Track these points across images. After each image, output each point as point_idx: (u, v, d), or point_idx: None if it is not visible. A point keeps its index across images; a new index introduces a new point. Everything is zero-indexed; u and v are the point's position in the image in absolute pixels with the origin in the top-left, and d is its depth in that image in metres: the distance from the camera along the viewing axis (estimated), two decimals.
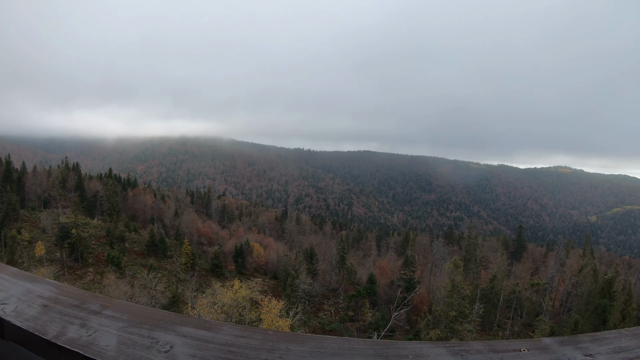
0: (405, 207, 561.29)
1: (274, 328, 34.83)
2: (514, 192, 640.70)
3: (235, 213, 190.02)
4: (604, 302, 53.69)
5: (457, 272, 44.56)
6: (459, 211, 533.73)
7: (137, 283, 55.93)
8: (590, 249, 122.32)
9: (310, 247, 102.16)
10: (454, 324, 42.23)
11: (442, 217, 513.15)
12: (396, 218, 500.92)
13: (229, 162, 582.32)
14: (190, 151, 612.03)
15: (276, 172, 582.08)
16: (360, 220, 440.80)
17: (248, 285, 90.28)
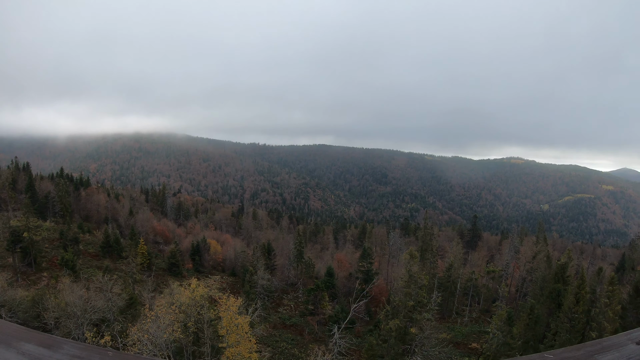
0: (362, 200, 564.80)
1: (233, 325, 34.56)
2: (469, 183, 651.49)
3: (191, 210, 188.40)
4: (558, 287, 54.83)
5: (414, 263, 44.89)
6: (415, 202, 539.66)
7: (92, 286, 54.86)
8: (544, 236, 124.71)
9: (268, 242, 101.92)
10: (413, 314, 42.58)
11: (398, 209, 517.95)
12: (353, 211, 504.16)
13: (183, 158, 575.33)
14: (144, 148, 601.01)
15: (232, 167, 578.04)
16: (317, 213, 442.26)
17: (206, 283, 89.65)
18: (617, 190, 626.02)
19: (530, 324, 52.21)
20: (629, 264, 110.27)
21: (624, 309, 56.14)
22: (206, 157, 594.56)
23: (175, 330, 35.71)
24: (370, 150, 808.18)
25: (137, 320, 38.87)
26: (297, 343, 61.45)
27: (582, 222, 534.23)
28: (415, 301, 42.92)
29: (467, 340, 68.72)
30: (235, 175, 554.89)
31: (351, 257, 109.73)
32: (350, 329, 64.85)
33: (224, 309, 34.80)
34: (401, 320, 42.51)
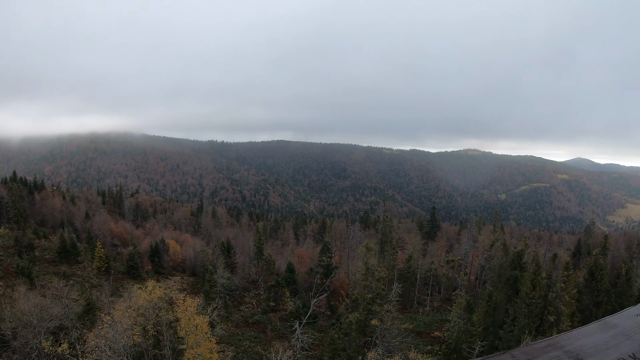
0: (322, 195, 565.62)
1: (192, 326, 34.14)
2: (427, 175, 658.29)
3: (149, 211, 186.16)
4: (515, 274, 55.62)
5: (370, 256, 45.05)
6: (375, 196, 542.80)
7: (49, 293, 53.63)
8: (500, 225, 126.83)
9: (227, 240, 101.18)
10: (372, 306, 42.71)
11: (358, 203, 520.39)
12: (313, 206, 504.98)
13: (141, 157, 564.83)
14: (100, 148, 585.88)
15: (190, 165, 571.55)
16: (277, 210, 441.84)
17: (167, 284, 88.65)
18: (571, 179, 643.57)
19: (489, 311, 52.92)
20: (584, 249, 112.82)
21: (580, 292, 57.43)
22: (164, 156, 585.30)
23: (133, 335, 35.10)
24: (329, 145, 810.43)
25: (96, 326, 38.13)
26: (260, 341, 61.14)
27: (539, 210, 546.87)
28: (374, 293, 43.05)
29: (429, 329, 69.43)
30: (193, 173, 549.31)
31: (312, 252, 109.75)
32: (313, 324, 64.83)
33: (182, 310, 34.35)
34: (361, 313, 42.58)
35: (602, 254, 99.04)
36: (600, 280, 58.10)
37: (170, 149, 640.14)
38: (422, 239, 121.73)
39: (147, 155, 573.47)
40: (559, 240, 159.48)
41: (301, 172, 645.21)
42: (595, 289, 57.58)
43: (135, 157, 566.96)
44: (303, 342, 50.29)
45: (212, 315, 43.70)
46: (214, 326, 45.96)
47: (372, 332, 43.08)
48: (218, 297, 67.93)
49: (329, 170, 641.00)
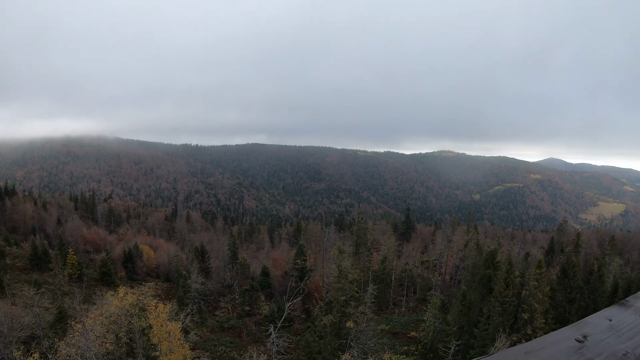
0: (296, 198, 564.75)
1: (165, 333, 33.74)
2: (401, 177, 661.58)
3: (123, 216, 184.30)
4: (489, 273, 55.99)
5: (342, 258, 45.02)
6: (350, 198, 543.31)
7: (20, 302, 52.69)
8: (474, 225, 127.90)
9: (201, 244, 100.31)
10: (346, 308, 42.65)
11: (333, 205, 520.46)
12: (288, 209, 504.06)
13: (114, 162, 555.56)
14: (73, 152, 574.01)
15: (164, 169, 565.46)
16: (253, 213, 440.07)
17: (141, 290, 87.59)
18: (544, 178, 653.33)
19: (464, 310, 53.15)
20: (557, 247, 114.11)
21: (553, 290, 57.91)
22: (137, 160, 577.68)
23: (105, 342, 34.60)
24: (304, 148, 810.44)
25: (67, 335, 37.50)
26: (235, 346, 60.72)
27: (513, 209, 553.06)
28: (347, 295, 42.97)
29: (405, 330, 69.59)
30: (168, 177, 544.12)
31: (287, 255, 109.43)
32: (289, 327, 64.60)
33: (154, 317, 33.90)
34: (335, 316, 42.48)
35: (574, 252, 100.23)
36: (573, 277, 58.66)
37: (144, 152, 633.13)
38: (397, 240, 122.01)
39: (121, 160, 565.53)
40: (532, 238, 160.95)
41: (276, 175, 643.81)
42: (568, 286, 58.14)
43: (109, 161, 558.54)
44: (279, 346, 50.00)
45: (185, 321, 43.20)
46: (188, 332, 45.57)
47: (347, 335, 43.00)
48: (192, 302, 67.27)
49: (303, 173, 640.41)
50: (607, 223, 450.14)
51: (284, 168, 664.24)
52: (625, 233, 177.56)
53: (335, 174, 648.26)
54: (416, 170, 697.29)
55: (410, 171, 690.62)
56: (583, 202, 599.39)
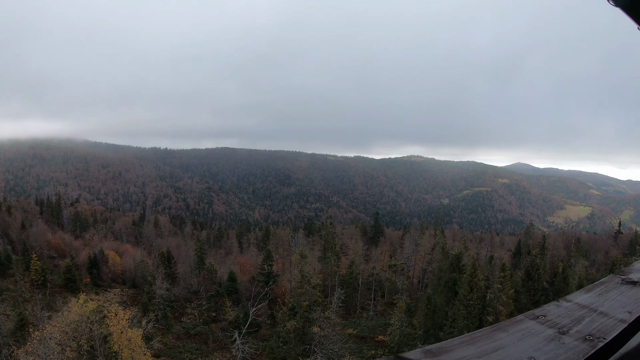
0: (266, 202, 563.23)
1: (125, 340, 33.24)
2: (371, 181, 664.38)
3: (89, 220, 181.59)
4: (454, 276, 56.39)
5: (305, 263, 44.91)
6: (319, 202, 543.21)
7: None
8: (441, 229, 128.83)
9: (167, 250, 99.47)
10: (309, 313, 42.45)
11: (303, 210, 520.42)
12: (257, 213, 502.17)
13: (81, 165, 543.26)
14: (39, 155, 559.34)
15: (132, 173, 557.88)
16: (222, 218, 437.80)
17: (106, 297, 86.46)
18: (512, 183, 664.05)
19: (429, 314, 53.34)
20: (524, 249, 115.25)
21: (518, 292, 58.48)
22: (106, 163, 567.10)
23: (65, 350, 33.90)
24: (274, 152, 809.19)
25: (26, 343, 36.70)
26: (201, 352, 60.08)
27: (481, 213, 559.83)
28: (311, 300, 42.78)
29: (373, 334, 69.58)
30: (136, 181, 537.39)
31: (255, 260, 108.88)
32: (255, 333, 64.17)
33: (114, 324, 33.34)
34: (298, 321, 42.24)
35: (540, 254, 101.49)
36: (537, 279, 59.31)
37: (112, 155, 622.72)
38: (365, 245, 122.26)
39: (89, 163, 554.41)
40: (500, 241, 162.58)
41: (246, 180, 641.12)
42: (532, 288, 58.79)
43: (76, 164, 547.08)
44: (244, 352, 49.58)
45: (146, 328, 42.57)
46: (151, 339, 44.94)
47: (311, 340, 42.77)
48: (157, 308, 66.48)
49: (273, 177, 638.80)
50: (573, 225, 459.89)
51: (254, 172, 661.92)
52: (592, 235, 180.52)
53: (305, 178, 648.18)
54: (386, 175, 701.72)
55: (380, 176, 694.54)
56: (550, 206, 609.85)
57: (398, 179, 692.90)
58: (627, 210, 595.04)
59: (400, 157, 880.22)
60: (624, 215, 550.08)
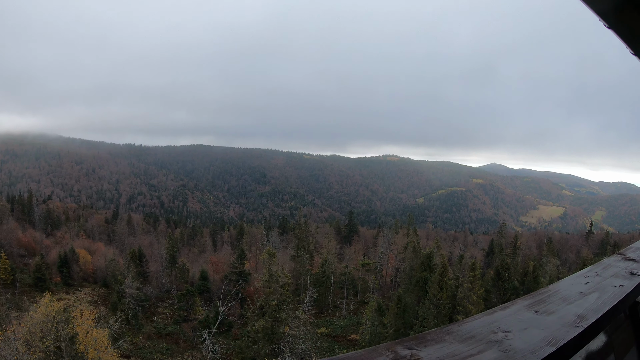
0: (241, 200, 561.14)
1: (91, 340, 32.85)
2: (346, 180, 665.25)
3: (62, 218, 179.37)
4: (425, 275, 56.64)
5: (272, 262, 44.84)
6: (295, 201, 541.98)
7: None
8: (414, 228, 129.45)
9: (139, 248, 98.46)
10: (278, 313, 42.30)
11: (278, 208, 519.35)
12: (232, 211, 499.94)
13: (55, 161, 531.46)
14: (12, 151, 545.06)
15: (106, 170, 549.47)
16: (197, 216, 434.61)
17: (77, 296, 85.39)
18: (486, 183, 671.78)
19: (399, 313, 53.50)
20: (497, 248, 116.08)
21: (488, 291, 58.86)
22: (79, 159, 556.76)
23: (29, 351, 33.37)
24: (249, 150, 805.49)
25: None
26: (172, 352, 59.75)
27: (456, 212, 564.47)
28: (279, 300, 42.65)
29: (345, 333, 69.75)
30: (110, 178, 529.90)
31: (228, 259, 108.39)
32: (227, 332, 63.87)
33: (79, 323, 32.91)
34: (266, 320, 42.06)
35: (512, 253, 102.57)
36: (507, 279, 59.86)
37: (86, 152, 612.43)
38: (340, 243, 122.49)
39: (62, 159, 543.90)
40: (474, 241, 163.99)
41: (221, 178, 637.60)
42: (503, 287, 59.30)
43: (50, 160, 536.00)
44: (215, 352, 49.33)
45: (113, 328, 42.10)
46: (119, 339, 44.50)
47: (280, 339, 42.63)
48: (127, 308, 65.84)
49: (248, 175, 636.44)
50: (546, 225, 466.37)
51: (229, 170, 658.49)
52: (564, 235, 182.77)
53: (281, 176, 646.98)
54: (361, 174, 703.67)
55: (356, 175, 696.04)
56: (524, 206, 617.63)
57: (373, 178, 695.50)
58: (599, 211, 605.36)
59: (375, 156, 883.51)
60: (596, 215, 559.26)
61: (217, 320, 57.52)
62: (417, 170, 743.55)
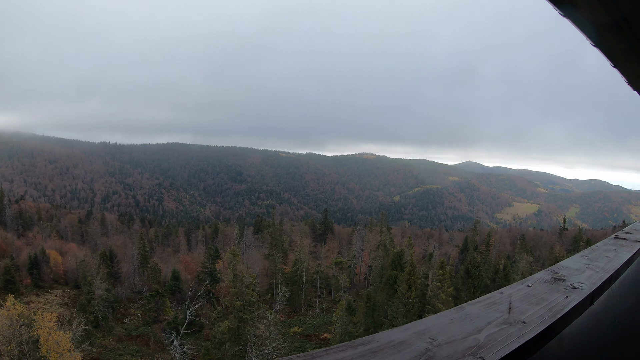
0: (217, 199, 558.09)
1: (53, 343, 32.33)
2: (323, 178, 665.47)
3: (34, 218, 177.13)
4: (395, 273, 56.63)
5: (237, 261, 44.47)
6: (271, 199, 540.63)
7: None
8: (387, 225, 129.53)
9: (109, 248, 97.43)
10: (243, 314, 41.97)
11: (254, 207, 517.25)
12: (208, 210, 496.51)
13: (28, 160, 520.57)
14: None
15: (81, 169, 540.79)
16: (172, 215, 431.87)
17: (47, 298, 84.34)
18: (462, 181, 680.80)
19: (369, 312, 53.57)
20: (471, 245, 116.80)
21: (458, 289, 59.04)
22: (53, 158, 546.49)
23: None
24: (226, 148, 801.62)
25: None
26: (142, 354, 59.23)
27: (432, 210, 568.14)
28: (244, 300, 42.34)
29: (318, 332, 69.66)
30: (84, 177, 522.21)
31: (201, 259, 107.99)
32: (198, 333, 63.46)
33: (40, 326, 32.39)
34: (232, 321, 41.73)
35: (486, 250, 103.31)
36: (477, 277, 60.02)
37: (61, 150, 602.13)
38: (314, 242, 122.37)
39: (35, 158, 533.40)
40: (449, 238, 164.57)
41: (197, 176, 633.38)
42: (472, 285, 59.48)
43: (23, 159, 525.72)
44: (184, 354, 48.90)
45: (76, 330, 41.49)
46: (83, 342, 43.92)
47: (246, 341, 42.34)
48: (97, 309, 65.13)
49: (225, 173, 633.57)
50: (521, 222, 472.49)
51: (205, 169, 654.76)
52: (538, 231, 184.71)
53: (257, 175, 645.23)
54: (337, 172, 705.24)
55: (332, 173, 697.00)
56: (499, 203, 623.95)
57: (350, 176, 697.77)
58: (573, 208, 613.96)
59: (352, 154, 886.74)
60: (570, 212, 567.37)
61: (186, 321, 57.11)
62: (393, 168, 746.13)
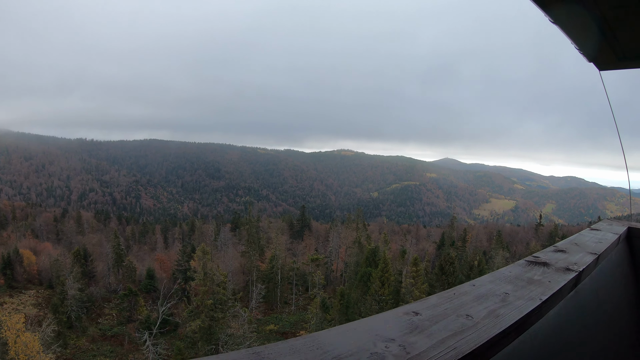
0: (195, 196, 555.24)
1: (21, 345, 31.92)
2: (301, 175, 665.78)
3: (9, 217, 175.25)
4: (369, 270, 56.75)
5: (207, 259, 44.29)
6: (249, 196, 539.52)
7: None
8: (363, 222, 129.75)
9: (83, 247, 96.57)
10: (214, 312, 41.77)
11: (232, 203, 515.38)
12: (186, 207, 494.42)
13: (3, 157, 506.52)
14: None
15: (57, 166, 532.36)
16: (150, 212, 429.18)
17: (20, 299, 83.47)
18: (440, 177, 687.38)
19: (342, 309, 53.54)
20: (448, 241, 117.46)
21: (433, 286, 59.26)
22: (28, 155, 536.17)
23: None
24: (204, 145, 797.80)
25: None
26: (116, 354, 58.79)
27: (410, 206, 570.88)
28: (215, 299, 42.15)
29: (294, 329, 69.54)
30: (60, 175, 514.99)
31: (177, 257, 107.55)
32: (173, 332, 63.12)
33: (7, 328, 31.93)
34: (203, 320, 41.53)
35: (462, 246, 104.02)
36: (451, 273, 60.30)
37: (36, 147, 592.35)
38: (292, 238, 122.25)
39: (10, 155, 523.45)
40: (427, 233, 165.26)
41: (175, 173, 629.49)
42: (446, 282, 59.74)
43: None
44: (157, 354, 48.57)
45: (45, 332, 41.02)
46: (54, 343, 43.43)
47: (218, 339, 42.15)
48: (70, 310, 64.47)
49: (202, 170, 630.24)
50: (498, 218, 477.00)
51: (183, 165, 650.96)
52: (514, 227, 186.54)
53: (235, 171, 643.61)
54: (316, 169, 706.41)
55: (310, 169, 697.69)
56: (476, 199, 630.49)
57: (328, 172, 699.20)
58: (549, 204, 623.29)
59: (330, 151, 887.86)
60: (547, 208, 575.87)
61: (159, 320, 56.76)
62: (371, 165, 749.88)
